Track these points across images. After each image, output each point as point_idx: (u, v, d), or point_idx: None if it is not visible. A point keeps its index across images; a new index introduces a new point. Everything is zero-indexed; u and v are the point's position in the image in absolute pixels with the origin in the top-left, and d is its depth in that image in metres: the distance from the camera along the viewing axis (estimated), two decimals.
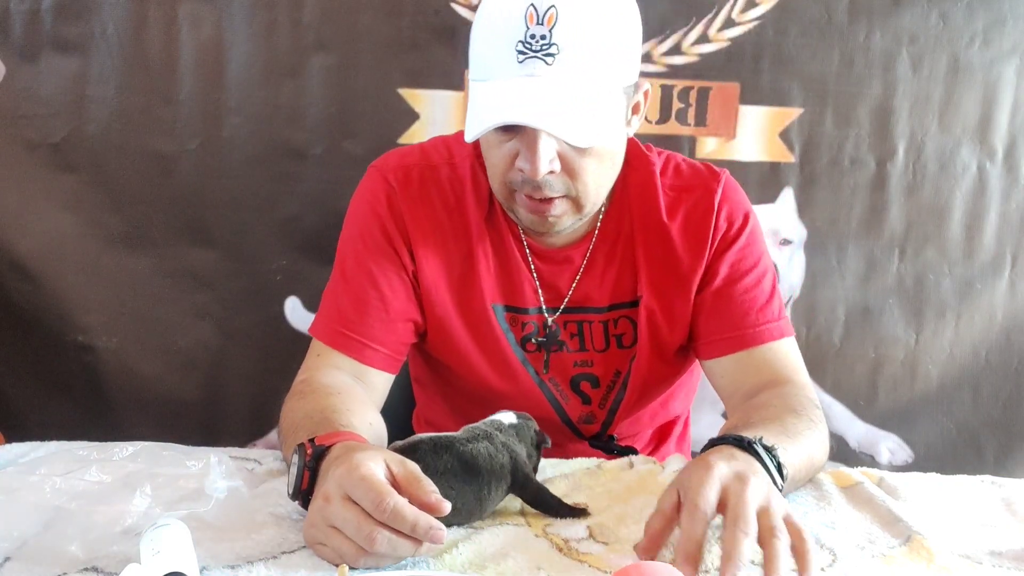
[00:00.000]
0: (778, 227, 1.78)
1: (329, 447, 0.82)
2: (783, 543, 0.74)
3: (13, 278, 1.71)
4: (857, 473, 1.05)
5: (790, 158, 1.76)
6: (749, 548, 0.73)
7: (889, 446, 1.85)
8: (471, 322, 1.12)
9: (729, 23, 1.70)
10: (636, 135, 1.11)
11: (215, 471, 0.85)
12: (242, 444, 1.72)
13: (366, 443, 0.84)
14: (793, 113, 1.74)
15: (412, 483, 0.75)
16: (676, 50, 1.70)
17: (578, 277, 1.13)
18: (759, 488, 0.76)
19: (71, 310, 1.73)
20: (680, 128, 1.73)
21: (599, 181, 1.03)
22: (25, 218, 1.69)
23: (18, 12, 1.64)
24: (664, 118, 1.72)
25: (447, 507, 0.74)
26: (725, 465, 0.78)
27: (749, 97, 1.73)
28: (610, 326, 1.13)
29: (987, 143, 1.77)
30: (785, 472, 0.85)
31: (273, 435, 1.77)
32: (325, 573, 0.76)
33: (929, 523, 0.90)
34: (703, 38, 1.70)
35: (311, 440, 0.83)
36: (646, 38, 1.68)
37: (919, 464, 1.84)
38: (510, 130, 0.97)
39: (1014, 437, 1.86)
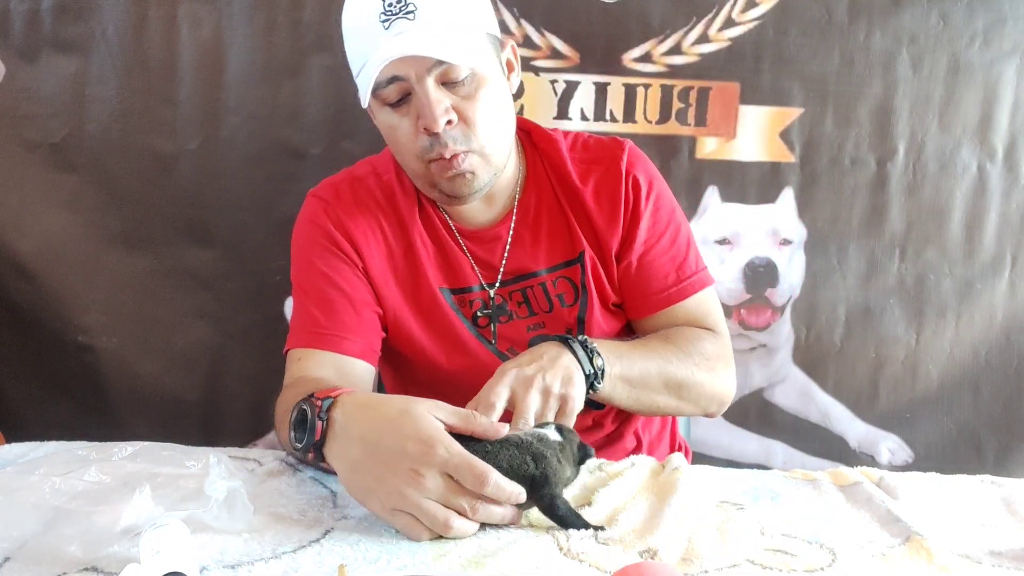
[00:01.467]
0: (778, 227, 1.78)
1: (335, 398, 0.88)
2: (533, 402, 0.94)
3: (13, 278, 1.71)
4: (856, 473, 1.05)
5: (790, 158, 1.75)
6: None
7: (889, 446, 1.85)
8: (422, 309, 1.18)
9: (729, 23, 1.70)
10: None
11: (215, 471, 0.85)
12: (242, 444, 1.72)
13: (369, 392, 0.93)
14: (793, 113, 1.74)
15: (473, 424, 0.85)
16: (676, 50, 1.70)
17: (507, 251, 1.19)
18: (542, 382, 0.96)
19: (71, 310, 1.73)
20: (680, 128, 1.73)
21: (497, 128, 1.10)
22: (25, 218, 1.69)
23: (18, 12, 1.64)
24: (664, 118, 1.72)
25: (504, 428, 0.86)
26: (515, 370, 0.97)
27: (749, 97, 1.73)
28: (549, 287, 1.19)
29: (987, 143, 1.77)
30: (601, 367, 1.03)
31: (273, 435, 1.77)
32: (326, 572, 0.76)
33: (928, 523, 0.91)
34: (703, 38, 1.70)
35: (308, 398, 0.89)
36: (646, 38, 1.69)
37: (919, 464, 1.84)
38: (403, 103, 1.06)
39: (1014, 437, 1.86)
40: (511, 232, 1.19)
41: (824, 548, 0.86)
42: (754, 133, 1.74)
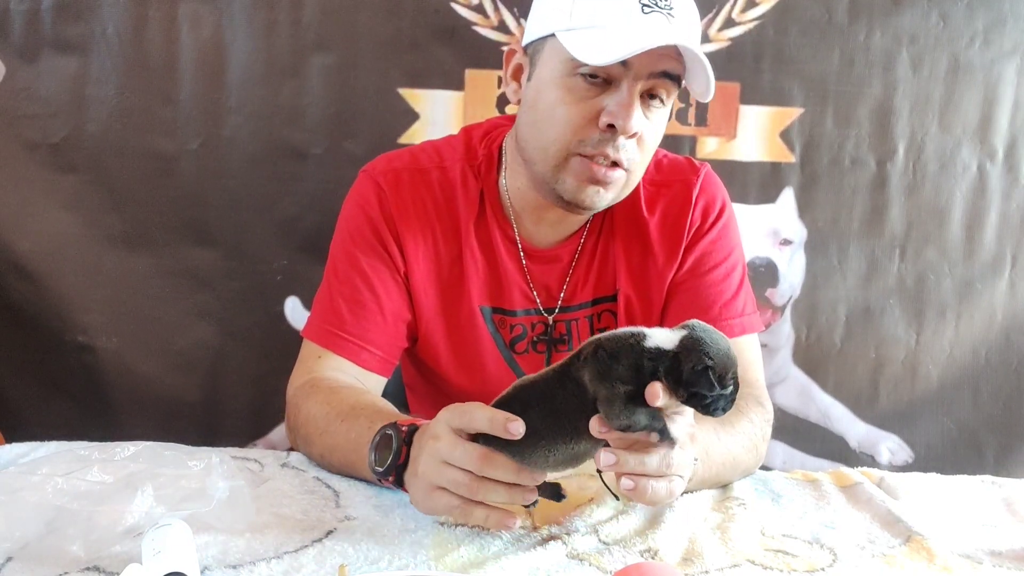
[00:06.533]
0: (779, 227, 1.78)
1: (417, 427, 0.86)
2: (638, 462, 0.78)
3: (13, 278, 1.70)
4: (857, 473, 1.05)
5: (791, 158, 1.76)
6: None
7: (889, 446, 1.85)
8: (454, 325, 1.14)
9: (729, 23, 1.70)
10: None
11: (217, 471, 0.85)
12: (242, 444, 1.71)
13: None
14: (793, 113, 1.74)
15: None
16: None
17: (569, 276, 1.14)
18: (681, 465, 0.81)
19: (71, 310, 1.73)
20: (681, 128, 1.73)
21: (647, 162, 1.06)
22: (25, 218, 1.69)
23: (18, 12, 1.64)
24: None
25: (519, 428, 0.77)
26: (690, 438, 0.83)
27: (749, 97, 1.73)
28: (594, 321, 1.15)
29: (987, 143, 1.77)
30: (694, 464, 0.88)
31: (274, 435, 1.77)
32: (327, 572, 0.76)
33: (929, 523, 0.91)
34: (703, 38, 1.70)
35: (393, 424, 0.88)
36: None
37: (919, 464, 1.84)
38: (604, 85, 0.99)
39: (1014, 437, 1.86)
40: (576, 255, 1.14)
41: (825, 548, 0.86)
42: (754, 133, 1.74)
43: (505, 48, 1.12)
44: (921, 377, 1.83)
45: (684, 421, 0.79)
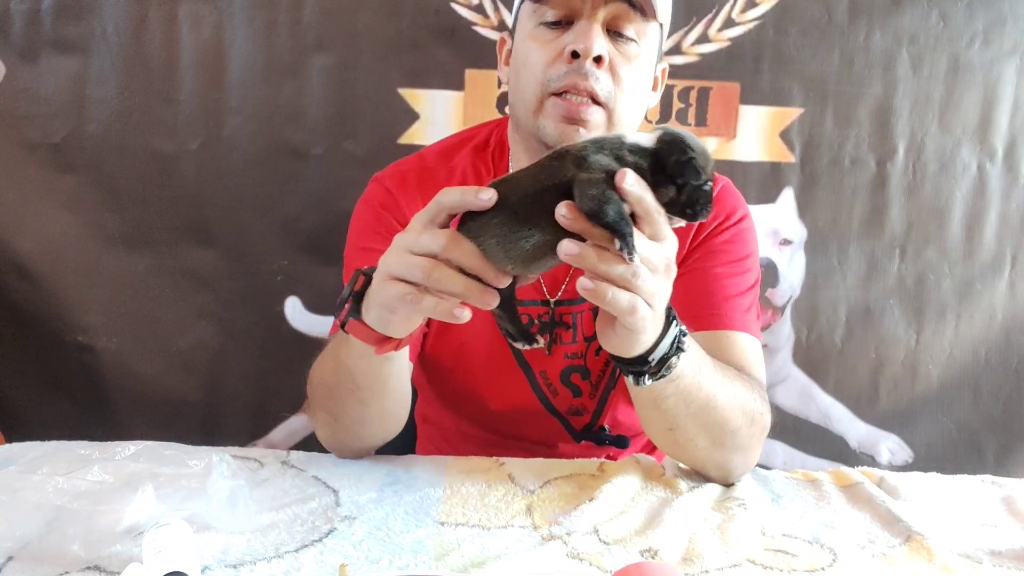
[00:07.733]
0: (778, 227, 1.78)
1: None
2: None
3: (13, 278, 1.71)
4: (857, 473, 1.05)
5: (790, 158, 1.76)
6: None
7: (889, 446, 1.85)
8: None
9: (729, 23, 1.70)
10: None
11: (217, 471, 0.85)
12: (242, 444, 1.71)
13: None
14: (793, 113, 1.74)
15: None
16: (676, 50, 1.70)
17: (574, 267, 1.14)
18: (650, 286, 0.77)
19: (71, 310, 1.73)
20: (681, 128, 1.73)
21: (633, 107, 1.06)
22: (25, 218, 1.69)
23: (18, 12, 1.64)
24: (664, 118, 1.72)
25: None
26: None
27: (749, 97, 1.73)
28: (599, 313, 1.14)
29: (987, 143, 1.77)
30: (681, 354, 0.86)
31: (274, 434, 1.77)
32: (327, 572, 0.76)
33: (929, 523, 0.91)
34: (703, 38, 1.70)
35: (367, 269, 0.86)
36: None
37: (919, 464, 1.84)
38: (567, 27, 1.02)
39: (1014, 437, 1.86)
40: None
41: (825, 548, 0.86)
42: (754, 133, 1.74)
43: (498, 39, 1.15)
44: (921, 377, 1.83)
45: (661, 251, 0.75)
